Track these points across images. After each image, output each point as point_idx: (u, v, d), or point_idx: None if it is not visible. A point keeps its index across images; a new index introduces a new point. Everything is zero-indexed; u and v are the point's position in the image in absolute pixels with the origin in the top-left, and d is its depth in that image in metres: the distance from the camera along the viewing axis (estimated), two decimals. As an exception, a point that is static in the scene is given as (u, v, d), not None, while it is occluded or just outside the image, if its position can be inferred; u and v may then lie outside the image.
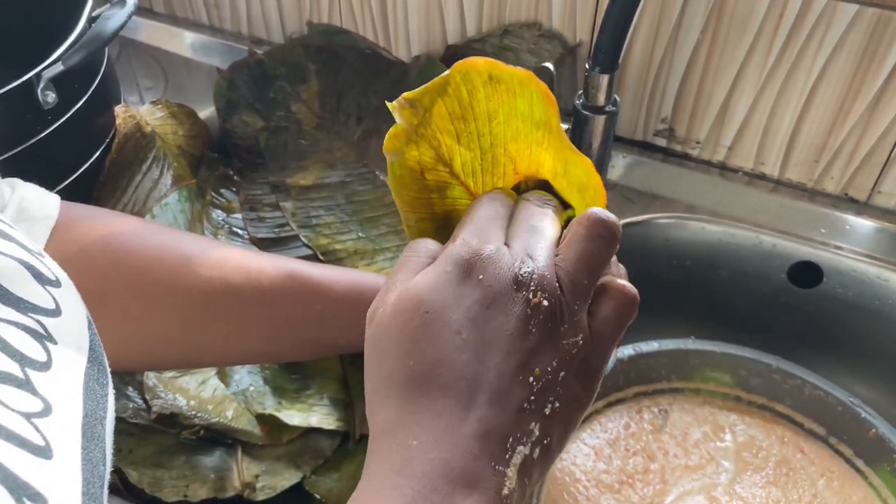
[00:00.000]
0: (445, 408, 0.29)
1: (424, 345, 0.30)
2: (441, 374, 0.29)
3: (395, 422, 0.30)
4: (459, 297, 0.30)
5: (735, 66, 0.74)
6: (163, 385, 0.65)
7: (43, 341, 0.26)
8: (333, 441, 0.64)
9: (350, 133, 0.85)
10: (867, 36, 0.67)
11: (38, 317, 0.27)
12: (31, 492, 0.21)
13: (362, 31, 0.91)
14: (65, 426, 0.25)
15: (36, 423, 0.23)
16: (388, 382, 0.31)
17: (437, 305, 0.30)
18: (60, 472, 0.23)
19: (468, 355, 0.29)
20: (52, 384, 0.25)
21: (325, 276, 0.52)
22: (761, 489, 0.64)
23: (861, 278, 0.73)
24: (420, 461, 0.28)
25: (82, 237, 0.47)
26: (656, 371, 0.71)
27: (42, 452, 0.23)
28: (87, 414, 0.26)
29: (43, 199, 0.47)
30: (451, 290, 0.30)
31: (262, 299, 0.49)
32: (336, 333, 0.51)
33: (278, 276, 0.50)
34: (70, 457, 0.24)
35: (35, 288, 0.28)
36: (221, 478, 0.61)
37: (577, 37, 0.80)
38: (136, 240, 0.48)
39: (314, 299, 0.50)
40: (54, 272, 0.30)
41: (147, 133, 0.79)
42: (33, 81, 0.63)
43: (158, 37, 1.05)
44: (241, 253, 0.52)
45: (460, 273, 0.31)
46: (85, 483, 0.24)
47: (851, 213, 0.76)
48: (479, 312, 0.30)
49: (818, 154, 0.75)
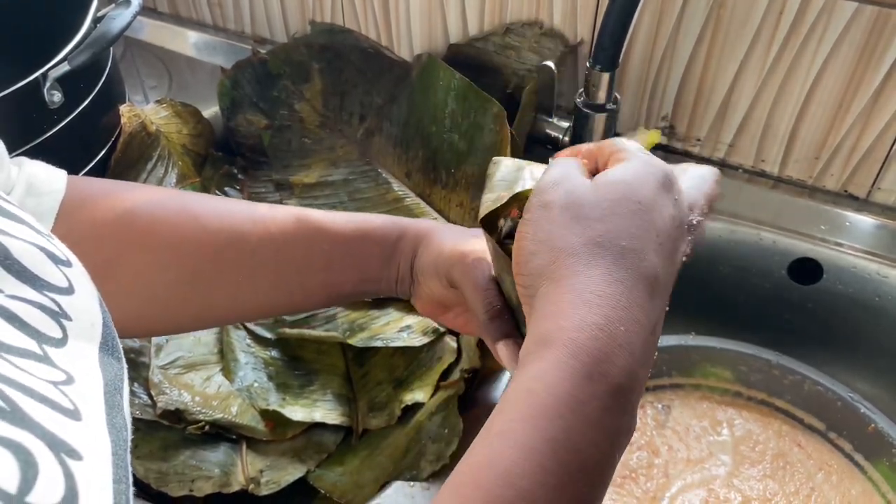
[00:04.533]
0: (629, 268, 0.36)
1: (634, 230, 0.36)
2: (640, 250, 0.36)
3: (606, 273, 0.35)
4: (663, 204, 0.37)
5: (735, 64, 0.74)
6: (168, 381, 0.66)
7: (58, 318, 0.27)
8: (337, 436, 0.65)
9: (353, 131, 0.86)
10: (866, 33, 0.67)
11: (53, 295, 0.28)
12: (68, 448, 0.22)
13: (365, 30, 0.92)
14: (87, 394, 0.25)
15: (63, 389, 0.24)
16: (595, 243, 0.36)
17: (647, 201, 0.37)
18: (91, 432, 0.24)
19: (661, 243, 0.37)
20: (69, 358, 0.26)
21: (332, 218, 0.52)
22: (758, 482, 0.64)
23: (861, 274, 0.74)
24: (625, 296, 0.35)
25: (91, 208, 0.47)
26: (657, 367, 0.71)
27: (73, 415, 0.24)
28: (107, 383, 0.27)
29: (50, 174, 0.47)
30: (657, 195, 0.37)
31: (269, 245, 0.50)
32: (343, 277, 0.52)
33: (285, 221, 0.51)
34: (97, 420, 0.25)
35: (50, 268, 0.29)
36: (226, 473, 0.62)
37: (578, 35, 0.81)
38: (143, 203, 0.49)
39: (321, 240, 0.51)
40: (65, 253, 0.30)
41: (152, 132, 0.80)
42: (39, 81, 0.63)
43: (162, 36, 1.05)
44: (247, 204, 0.53)
45: (665, 182, 0.38)
46: (113, 444, 0.25)
47: (851, 209, 0.76)
48: (671, 226, 0.37)
49: (818, 151, 0.76)
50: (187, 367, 0.68)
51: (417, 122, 0.81)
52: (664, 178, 0.38)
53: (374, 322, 0.69)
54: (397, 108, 0.83)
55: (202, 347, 0.70)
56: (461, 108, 0.77)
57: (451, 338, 0.67)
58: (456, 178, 0.77)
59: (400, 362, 0.68)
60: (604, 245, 0.36)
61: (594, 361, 0.33)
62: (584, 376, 0.33)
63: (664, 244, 0.37)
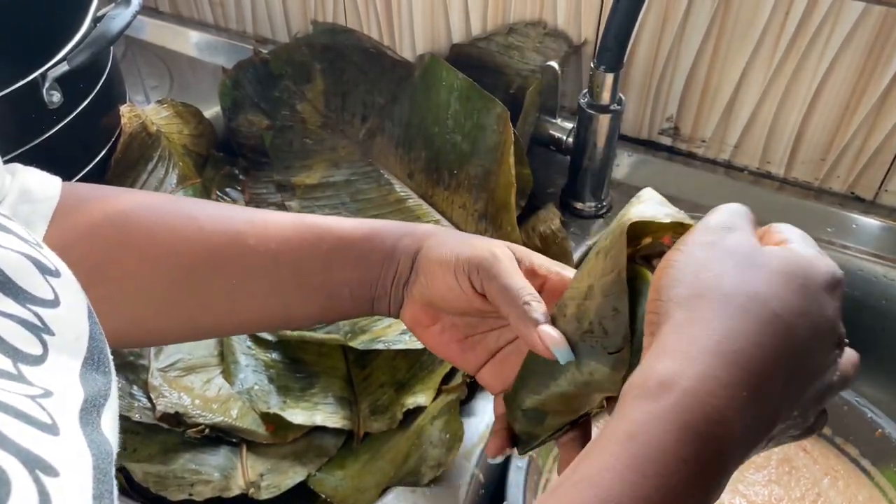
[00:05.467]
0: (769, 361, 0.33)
1: (793, 305, 0.33)
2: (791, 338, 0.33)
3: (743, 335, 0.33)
4: (826, 302, 0.35)
5: (741, 65, 0.73)
6: (167, 384, 0.65)
7: (40, 333, 0.26)
8: (338, 439, 0.64)
9: (355, 132, 0.85)
10: (874, 34, 0.66)
11: (35, 308, 0.27)
12: (43, 464, 0.22)
13: (367, 30, 0.91)
14: (67, 408, 0.25)
15: (41, 403, 0.24)
16: (749, 297, 0.33)
17: (813, 287, 0.34)
18: (69, 446, 0.23)
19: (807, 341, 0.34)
20: (48, 375, 0.25)
21: (334, 220, 0.51)
22: (763, 487, 0.64)
23: (868, 277, 0.73)
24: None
25: (86, 213, 0.47)
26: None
27: (50, 429, 0.23)
28: (86, 400, 0.26)
29: (44, 181, 0.47)
30: (824, 289, 0.35)
31: (267, 246, 0.48)
32: (342, 276, 0.49)
33: (285, 222, 0.50)
34: (76, 434, 0.24)
35: (36, 279, 0.28)
36: (226, 476, 0.61)
37: (582, 35, 0.80)
38: (140, 208, 0.48)
39: (321, 239, 0.49)
40: (53, 262, 0.30)
41: (152, 132, 0.79)
42: (38, 81, 0.63)
43: (164, 36, 1.05)
44: (245, 209, 0.52)
45: (834, 282, 0.35)
46: (94, 458, 0.24)
47: (858, 211, 0.75)
48: (827, 327, 0.34)
49: (824, 152, 0.75)
50: (187, 370, 0.67)
51: (420, 123, 0.80)
52: (834, 279, 0.35)
53: (375, 324, 0.69)
54: (399, 109, 0.82)
55: (202, 350, 0.69)
56: (464, 109, 0.77)
57: (454, 341, 0.66)
58: (458, 179, 0.77)
59: (402, 365, 0.67)
60: (758, 302, 0.33)
61: (707, 421, 0.31)
62: (693, 433, 0.30)
63: (815, 337, 0.34)
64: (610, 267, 0.39)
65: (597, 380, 0.40)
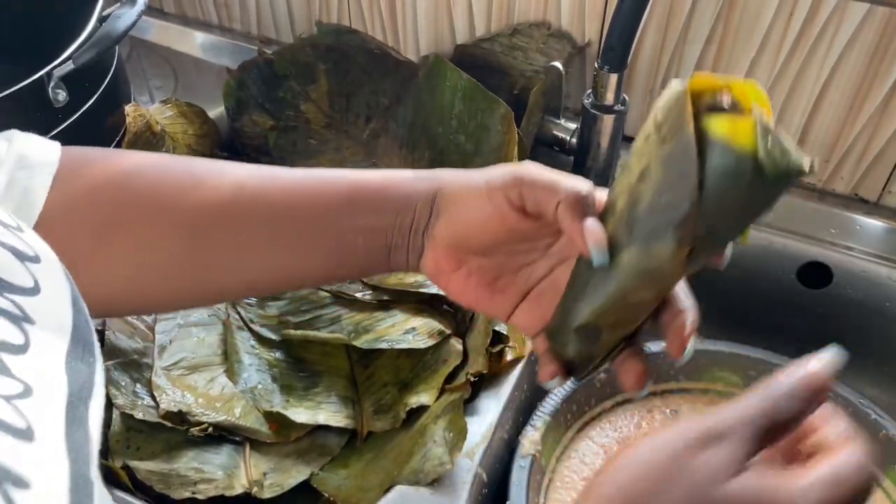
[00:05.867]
0: None
1: None
2: None
3: None
4: None
5: (744, 66, 0.73)
6: (171, 383, 0.65)
7: (20, 323, 0.25)
8: (341, 438, 0.64)
9: (359, 132, 0.86)
10: (878, 35, 0.67)
11: (14, 297, 0.26)
12: (13, 476, 0.21)
13: (371, 30, 0.91)
14: (47, 407, 0.24)
15: (16, 405, 0.23)
16: None
17: None
18: (44, 454, 0.22)
19: None
20: (30, 366, 0.24)
21: (343, 171, 0.48)
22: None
23: (871, 279, 0.73)
24: None
25: (88, 175, 0.45)
26: (665, 371, 0.70)
27: (24, 435, 0.22)
28: (72, 393, 0.25)
29: (43, 146, 0.45)
30: None
31: (275, 198, 0.46)
32: (355, 226, 0.46)
33: (294, 175, 0.47)
34: (53, 439, 0.23)
35: (14, 266, 0.27)
36: (229, 475, 0.61)
37: (585, 36, 0.80)
38: (142, 167, 0.47)
39: (331, 189, 0.46)
40: (33, 247, 0.28)
41: (157, 132, 0.79)
42: (44, 80, 0.63)
43: (169, 36, 1.05)
44: (254, 165, 0.49)
45: None
46: (72, 464, 0.23)
47: (862, 213, 0.75)
48: None
49: (828, 154, 0.75)
50: (191, 369, 0.67)
51: (424, 123, 0.80)
52: None
53: (379, 324, 0.69)
54: (403, 109, 0.83)
55: (206, 349, 0.69)
56: (468, 109, 0.77)
57: (457, 340, 0.66)
58: (462, 179, 0.77)
59: (405, 364, 0.67)
60: None
61: None
62: None
63: None
64: (670, 133, 0.36)
65: (658, 266, 0.38)
